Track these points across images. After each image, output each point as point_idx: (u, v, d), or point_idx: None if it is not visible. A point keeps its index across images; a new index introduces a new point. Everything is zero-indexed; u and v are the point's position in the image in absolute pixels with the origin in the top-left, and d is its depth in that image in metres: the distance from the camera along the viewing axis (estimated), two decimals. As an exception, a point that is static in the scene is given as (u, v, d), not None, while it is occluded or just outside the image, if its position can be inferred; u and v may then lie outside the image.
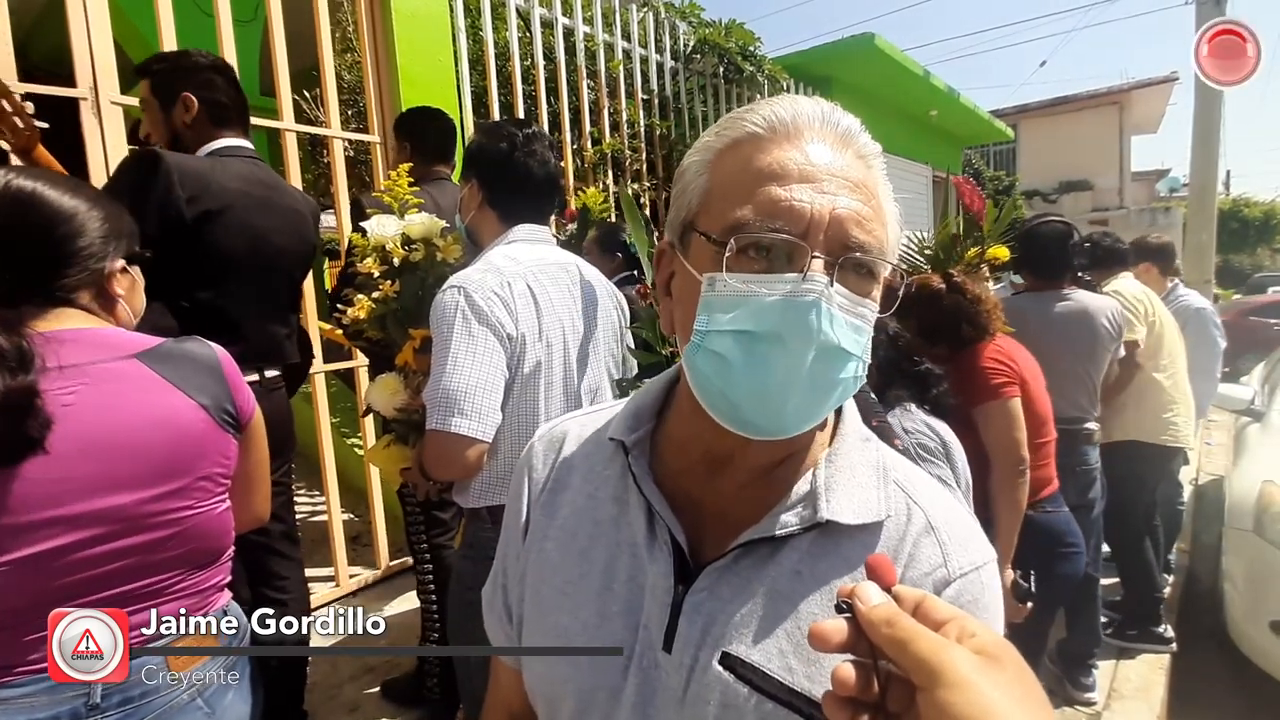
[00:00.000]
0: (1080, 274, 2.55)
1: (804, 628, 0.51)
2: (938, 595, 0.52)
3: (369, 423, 2.98)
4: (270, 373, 1.79)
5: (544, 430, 0.70)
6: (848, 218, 0.49)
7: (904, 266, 2.16)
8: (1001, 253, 2.02)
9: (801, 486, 0.56)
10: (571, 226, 2.63)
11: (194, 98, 1.68)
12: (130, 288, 1.01)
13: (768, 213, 0.49)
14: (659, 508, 0.57)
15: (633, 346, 1.58)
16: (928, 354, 1.78)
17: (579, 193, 3.96)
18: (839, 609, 0.38)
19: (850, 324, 0.50)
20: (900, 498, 0.57)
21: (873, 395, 1.43)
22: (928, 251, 2.21)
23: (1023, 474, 1.81)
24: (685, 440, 0.59)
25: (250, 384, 1.07)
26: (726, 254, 0.50)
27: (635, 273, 2.82)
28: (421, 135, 2.34)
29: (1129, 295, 2.77)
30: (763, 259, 0.50)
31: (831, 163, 0.51)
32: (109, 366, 0.88)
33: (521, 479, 0.68)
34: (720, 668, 0.52)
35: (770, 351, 0.49)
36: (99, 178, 2.15)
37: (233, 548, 1.04)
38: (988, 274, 2.09)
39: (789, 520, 0.54)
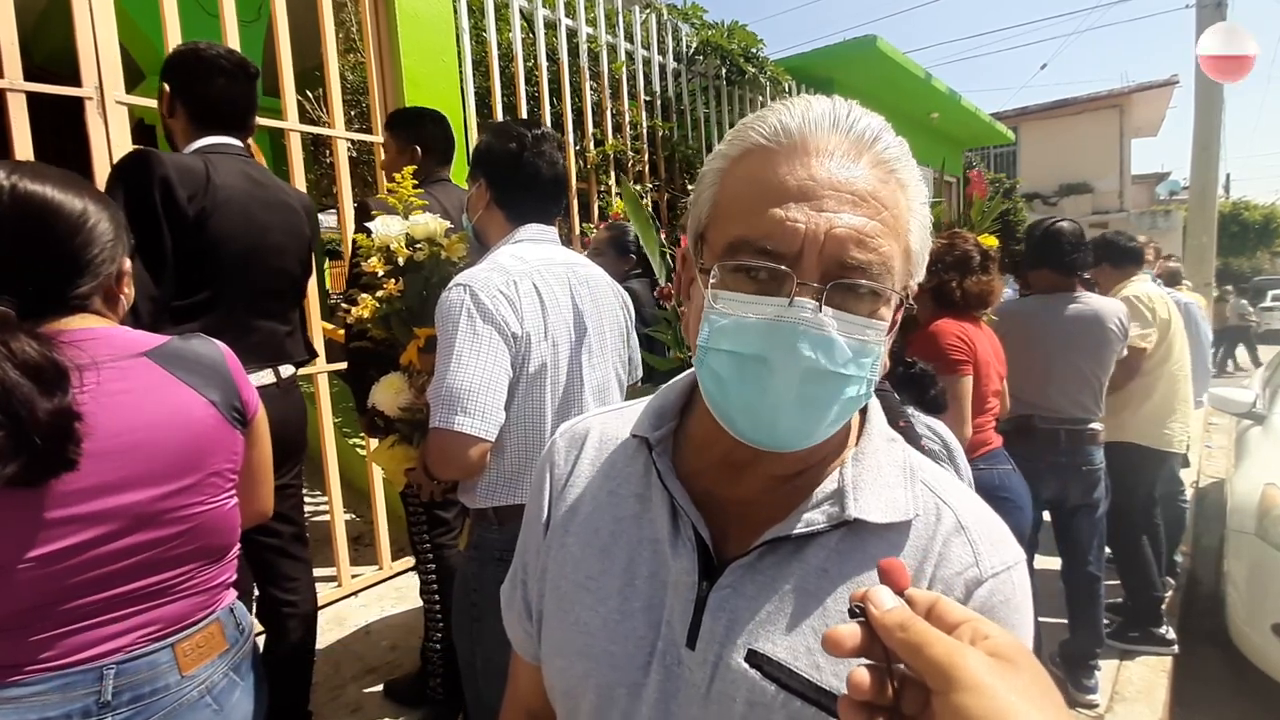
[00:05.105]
0: (1081, 274, 2.56)
1: (830, 625, 0.51)
2: (969, 595, 0.52)
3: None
4: (285, 372, 1.77)
5: (566, 427, 0.70)
6: (847, 236, 0.48)
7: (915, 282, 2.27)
8: (990, 241, 2.12)
9: (828, 485, 0.56)
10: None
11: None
12: (129, 283, 1.01)
13: (762, 232, 0.49)
14: (683, 503, 0.57)
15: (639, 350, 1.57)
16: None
17: (616, 195, 3.96)
18: (852, 614, 0.38)
19: (848, 345, 0.49)
20: (929, 497, 0.56)
21: (896, 396, 1.44)
22: None
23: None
24: (706, 440, 0.59)
25: (267, 385, 1.06)
26: (712, 280, 0.50)
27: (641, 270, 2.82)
28: (429, 137, 2.34)
29: (1145, 299, 2.78)
30: (757, 279, 0.50)
31: (835, 175, 0.49)
32: (120, 365, 0.88)
33: (543, 475, 0.68)
34: (746, 665, 0.52)
35: (758, 372, 0.49)
36: (103, 177, 2.15)
37: (238, 545, 1.04)
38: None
39: (816, 518, 0.54)
